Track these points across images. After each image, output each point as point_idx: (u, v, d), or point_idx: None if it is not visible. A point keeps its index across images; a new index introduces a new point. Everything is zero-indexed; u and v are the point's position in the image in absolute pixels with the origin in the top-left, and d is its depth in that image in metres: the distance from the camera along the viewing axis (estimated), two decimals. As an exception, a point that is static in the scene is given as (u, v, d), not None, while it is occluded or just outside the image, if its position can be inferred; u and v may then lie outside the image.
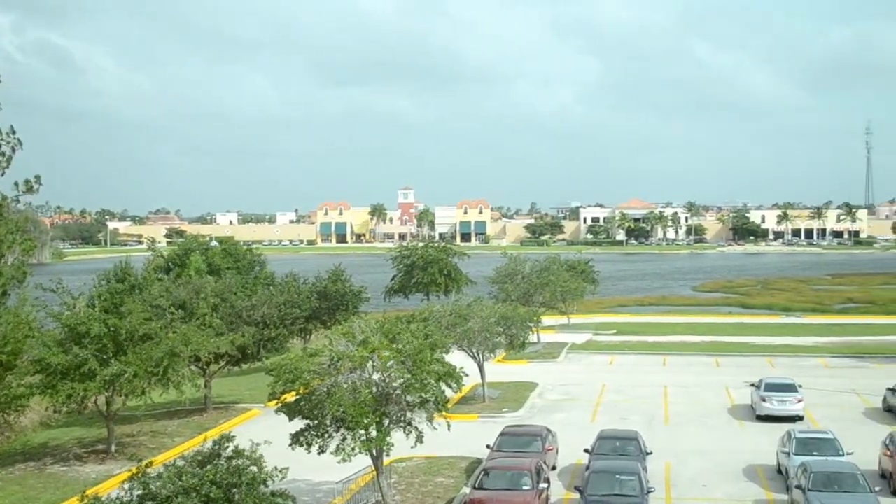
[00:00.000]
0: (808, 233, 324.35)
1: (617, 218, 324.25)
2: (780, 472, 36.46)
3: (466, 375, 33.09)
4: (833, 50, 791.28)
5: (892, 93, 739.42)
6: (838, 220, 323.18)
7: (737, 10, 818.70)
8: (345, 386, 29.37)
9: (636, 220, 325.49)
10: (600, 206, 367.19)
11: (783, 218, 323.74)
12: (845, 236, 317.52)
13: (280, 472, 23.21)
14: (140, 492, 21.62)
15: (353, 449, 28.70)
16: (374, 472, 31.54)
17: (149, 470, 22.42)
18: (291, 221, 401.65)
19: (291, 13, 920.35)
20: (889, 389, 48.68)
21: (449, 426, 32.10)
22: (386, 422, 30.01)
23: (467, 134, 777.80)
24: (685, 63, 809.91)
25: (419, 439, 30.68)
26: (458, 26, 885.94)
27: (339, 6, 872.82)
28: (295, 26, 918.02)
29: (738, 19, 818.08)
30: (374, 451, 29.99)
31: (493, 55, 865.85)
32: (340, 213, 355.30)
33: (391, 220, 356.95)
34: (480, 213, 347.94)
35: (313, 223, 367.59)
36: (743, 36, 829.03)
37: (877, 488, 31.30)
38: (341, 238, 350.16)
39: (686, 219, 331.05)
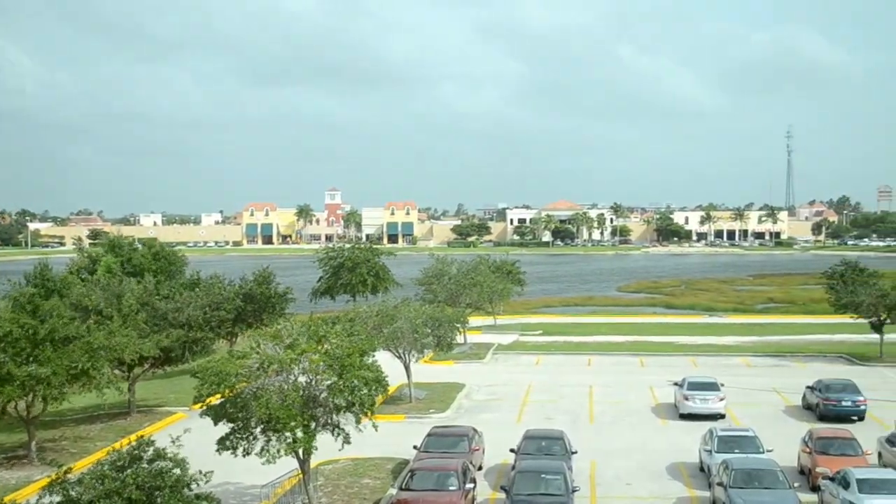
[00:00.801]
0: (731, 234, 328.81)
1: (543, 219, 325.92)
2: (702, 469, 36.99)
3: (387, 377, 33.09)
4: (753, 54, 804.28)
5: (812, 96, 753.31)
6: (760, 221, 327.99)
7: (659, 13, 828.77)
8: (271, 389, 29.21)
9: (562, 221, 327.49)
10: (527, 207, 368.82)
11: (706, 219, 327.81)
12: (766, 237, 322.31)
13: (205, 475, 23.03)
14: (59, 498, 21.33)
15: (278, 451, 28.55)
16: (301, 475, 31.41)
17: (69, 475, 22.13)
18: (217, 223, 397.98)
19: (212, 12, 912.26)
20: (808, 388, 49.64)
21: (376, 427, 32.07)
22: (313, 424, 29.91)
23: (394, 135, 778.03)
24: (609, 65, 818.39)
25: (346, 441, 30.63)
26: (382, 26, 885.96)
27: (261, 6, 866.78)
28: (216, 26, 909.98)
29: (661, 23, 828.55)
30: (300, 454, 29.86)
31: (418, 56, 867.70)
32: (267, 215, 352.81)
33: (318, 221, 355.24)
34: (408, 214, 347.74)
35: (239, 224, 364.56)
36: (665, 39, 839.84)
37: (796, 484, 31.94)
38: (267, 239, 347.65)
39: (611, 220, 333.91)
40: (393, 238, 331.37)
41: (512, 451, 36.41)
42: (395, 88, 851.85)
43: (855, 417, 46.42)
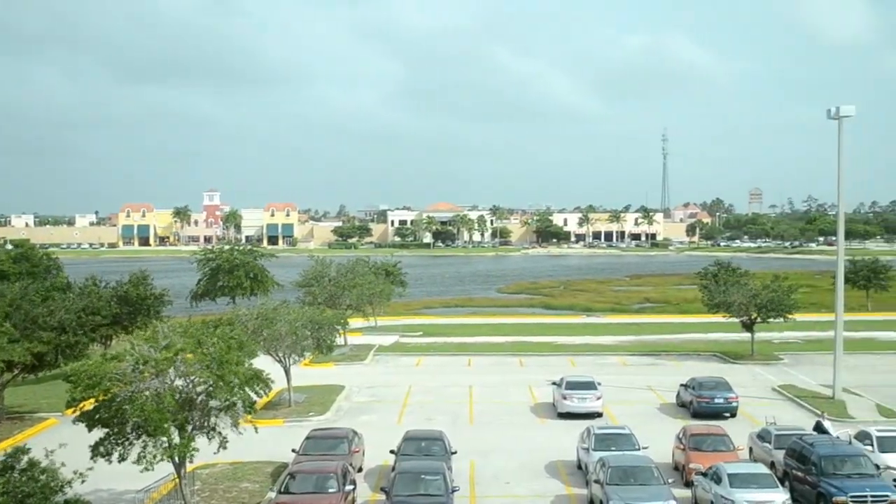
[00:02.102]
0: (609, 235, 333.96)
1: (424, 221, 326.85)
2: (580, 467, 37.53)
3: (273, 382, 32.82)
4: (626, 58, 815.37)
5: (685, 100, 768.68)
6: (636, 223, 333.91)
7: (531, 16, 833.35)
8: (147, 392, 28.70)
9: (443, 222, 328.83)
10: (408, 208, 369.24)
11: (584, 221, 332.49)
12: (643, 239, 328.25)
13: (80, 475, 22.56)
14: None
15: (154, 457, 28.07)
16: (177, 480, 30.93)
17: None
18: (92, 224, 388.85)
19: (79, 8, 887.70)
20: (682, 386, 50.73)
21: (256, 429, 31.75)
22: (189, 428, 29.50)
23: (273, 135, 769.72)
24: (485, 67, 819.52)
25: (223, 445, 30.27)
26: (258, 26, 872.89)
27: (133, 2, 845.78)
28: (84, 22, 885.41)
29: (534, 26, 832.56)
30: (176, 458, 29.40)
31: (295, 56, 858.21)
32: (143, 216, 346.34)
33: (196, 222, 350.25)
34: (288, 215, 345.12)
35: (115, 226, 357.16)
36: (540, 42, 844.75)
37: (670, 480, 32.67)
38: (144, 241, 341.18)
39: (491, 222, 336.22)
40: (273, 240, 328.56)
41: (392, 452, 36.44)
42: (273, 88, 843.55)
43: (727, 414, 47.57)
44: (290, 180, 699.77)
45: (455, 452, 37.02)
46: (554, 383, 50.87)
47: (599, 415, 47.35)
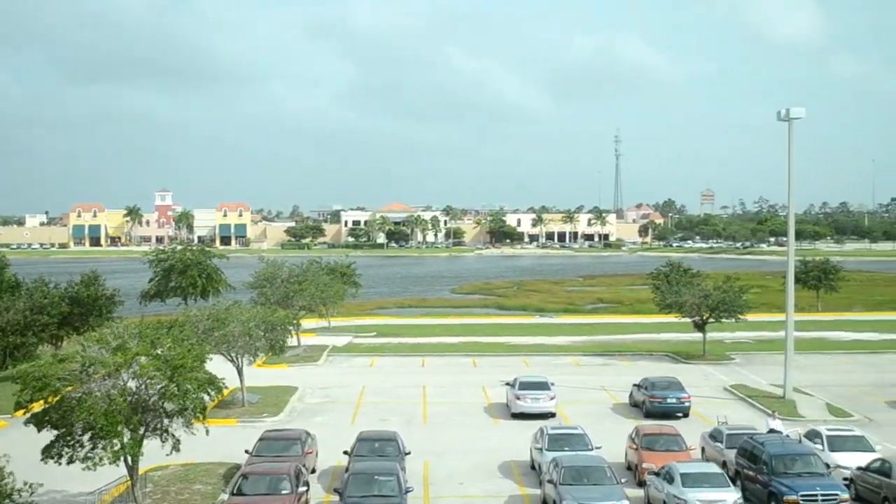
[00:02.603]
0: (562, 236, 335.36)
1: (378, 221, 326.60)
2: (533, 467, 37.61)
3: (224, 380, 32.62)
4: (578, 59, 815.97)
5: (637, 102, 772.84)
6: (589, 223, 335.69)
7: (485, 17, 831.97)
8: (98, 394, 28.41)
9: (397, 223, 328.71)
10: (362, 209, 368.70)
11: (538, 221, 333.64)
12: (596, 239, 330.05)
13: (30, 486, 22.28)
14: None
15: (101, 459, 27.79)
16: (129, 482, 30.64)
17: None
18: (42, 224, 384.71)
19: (26, 6, 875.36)
20: (635, 385, 50.99)
21: (207, 431, 31.55)
22: (141, 430, 29.23)
23: (225, 135, 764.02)
24: (438, 68, 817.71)
25: (175, 447, 30.04)
26: (211, 24, 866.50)
27: (83, 1, 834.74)
28: (32, 20, 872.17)
29: (487, 26, 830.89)
30: (127, 461, 29.12)
31: (247, 55, 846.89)
32: (94, 216, 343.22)
33: (148, 222, 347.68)
34: (241, 216, 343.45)
35: (65, 226, 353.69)
36: (491, 42, 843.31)
37: (623, 480, 32.81)
38: (95, 241, 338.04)
39: (445, 222, 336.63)
40: (225, 240, 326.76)
41: (345, 453, 36.33)
42: (226, 87, 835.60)
43: (680, 414, 47.89)
44: (242, 180, 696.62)
45: (409, 453, 36.97)
46: (507, 384, 50.94)
47: (553, 415, 47.47)
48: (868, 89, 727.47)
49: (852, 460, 35.43)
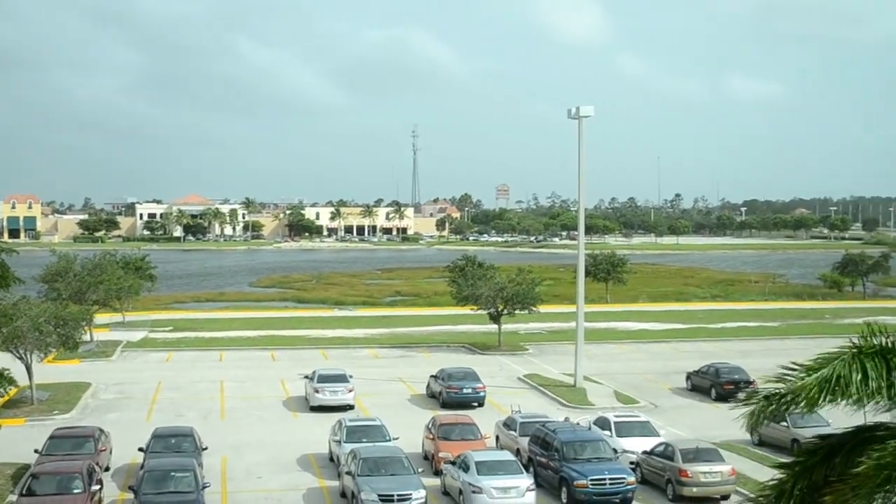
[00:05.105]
0: (361, 230, 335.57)
1: (174, 214, 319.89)
2: (332, 459, 37.88)
3: (17, 386, 31.65)
4: (370, 53, 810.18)
5: (431, 97, 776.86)
6: (388, 217, 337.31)
7: (273, 6, 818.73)
8: None
9: (194, 216, 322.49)
10: (158, 202, 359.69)
11: (336, 215, 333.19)
12: (394, 233, 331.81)
13: None
14: None
15: None
16: None
17: None
18: None
19: None
20: (432, 377, 51.91)
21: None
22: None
23: (9, 125, 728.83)
24: (230, 59, 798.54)
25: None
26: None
27: None
28: None
29: (276, 16, 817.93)
30: None
31: (25, 40, 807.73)
32: None
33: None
34: (30, 208, 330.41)
35: None
36: (281, 33, 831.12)
37: (420, 470, 33.45)
38: None
39: (244, 215, 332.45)
40: (14, 233, 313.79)
41: (141, 450, 35.73)
42: (6, 74, 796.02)
43: (475, 404, 48.98)
44: (31, 171, 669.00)
45: (206, 448, 36.74)
46: (306, 377, 51.01)
47: (351, 407, 47.81)
48: (652, 88, 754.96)
49: (638, 445, 37.04)
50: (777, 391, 14.53)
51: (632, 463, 35.71)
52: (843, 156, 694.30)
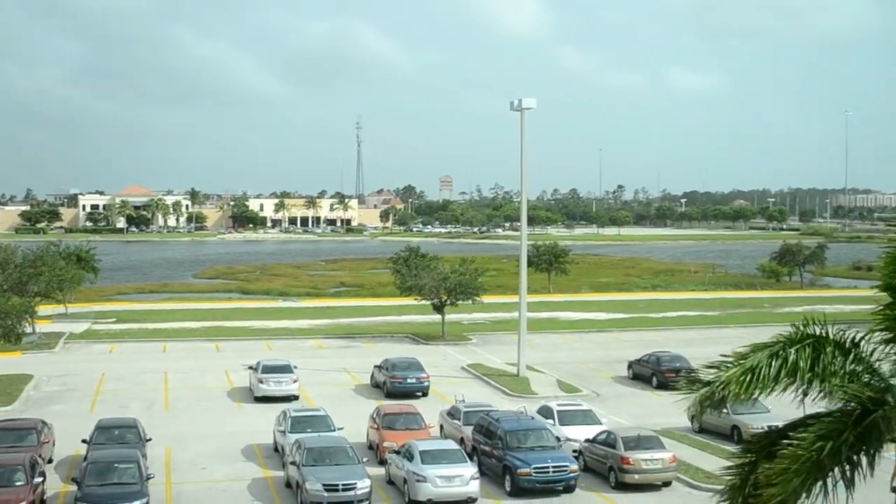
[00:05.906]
0: (305, 221, 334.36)
1: (117, 205, 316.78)
2: (276, 450, 38.05)
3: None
4: (312, 44, 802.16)
5: (375, 90, 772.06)
6: (332, 209, 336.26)
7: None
8: None
9: (137, 207, 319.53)
10: (100, 193, 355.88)
11: (280, 206, 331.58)
12: (338, 224, 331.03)
13: None
14: None
15: None
16: None
17: None
18: None
19: None
20: (376, 367, 52.19)
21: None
22: None
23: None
24: (171, 51, 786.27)
25: None
26: None
27: None
28: None
29: (215, 7, 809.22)
30: None
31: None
32: None
33: None
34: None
35: None
36: (221, 24, 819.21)
37: (365, 459, 33.76)
38: None
39: (187, 207, 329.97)
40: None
41: (84, 441, 35.71)
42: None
43: (419, 393, 49.36)
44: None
45: (150, 440, 36.79)
46: (250, 367, 51.08)
47: (296, 397, 47.97)
48: (593, 81, 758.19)
49: (581, 433, 37.56)
50: (717, 378, 14.79)
51: (574, 451, 36.20)
52: (781, 148, 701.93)
